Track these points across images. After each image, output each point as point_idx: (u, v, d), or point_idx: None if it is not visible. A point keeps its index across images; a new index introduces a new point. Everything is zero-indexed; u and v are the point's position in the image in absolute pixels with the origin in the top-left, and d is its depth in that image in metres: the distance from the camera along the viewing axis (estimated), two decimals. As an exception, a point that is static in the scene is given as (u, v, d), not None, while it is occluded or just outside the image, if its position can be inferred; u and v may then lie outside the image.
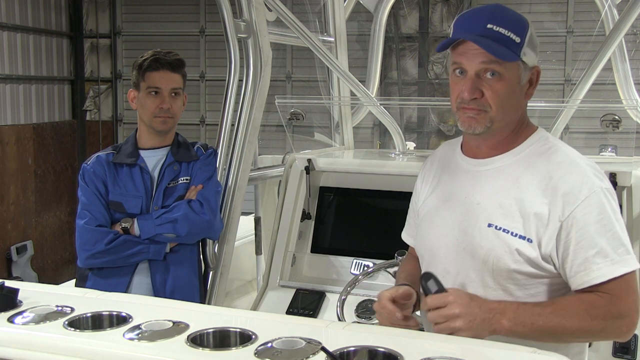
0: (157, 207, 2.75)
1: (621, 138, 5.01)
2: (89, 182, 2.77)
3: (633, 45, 6.35)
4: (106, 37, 10.48)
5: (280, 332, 1.55)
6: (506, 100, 1.79)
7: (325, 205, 3.49)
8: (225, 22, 2.96)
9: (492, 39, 1.74)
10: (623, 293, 1.72)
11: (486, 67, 1.76)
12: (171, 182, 2.80)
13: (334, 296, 3.11)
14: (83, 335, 1.61)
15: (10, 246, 8.69)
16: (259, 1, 3.07)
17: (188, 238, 2.76)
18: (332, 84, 4.22)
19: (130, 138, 2.88)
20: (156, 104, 2.75)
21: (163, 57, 2.78)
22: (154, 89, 2.75)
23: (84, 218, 2.72)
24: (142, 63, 2.77)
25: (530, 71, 1.83)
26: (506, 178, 1.82)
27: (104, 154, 2.84)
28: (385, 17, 4.73)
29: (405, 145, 4.26)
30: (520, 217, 1.77)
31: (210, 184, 2.83)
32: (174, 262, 2.77)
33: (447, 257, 1.88)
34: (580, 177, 1.75)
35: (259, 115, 3.08)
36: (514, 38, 1.75)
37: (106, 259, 2.68)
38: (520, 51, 1.77)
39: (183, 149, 2.86)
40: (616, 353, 2.71)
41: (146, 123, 2.80)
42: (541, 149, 1.84)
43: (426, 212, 2.00)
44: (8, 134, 8.81)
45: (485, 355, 1.51)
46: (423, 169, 2.11)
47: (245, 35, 3.03)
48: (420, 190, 2.09)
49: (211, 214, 2.76)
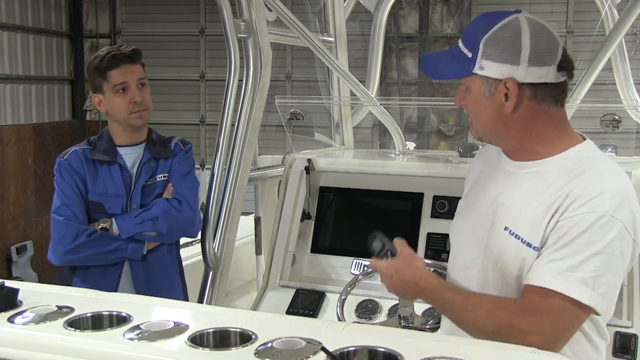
0: (135, 206, 2.69)
1: (621, 138, 4.99)
2: (67, 177, 2.69)
3: (633, 45, 6.36)
4: (106, 37, 10.47)
5: (280, 332, 1.55)
6: (476, 111, 1.83)
7: (325, 205, 3.49)
8: (225, 22, 2.95)
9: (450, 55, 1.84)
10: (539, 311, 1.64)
11: (459, 80, 1.84)
12: (149, 179, 2.74)
13: (334, 296, 3.11)
14: (83, 335, 1.61)
15: (10, 246, 8.68)
16: (259, 1, 3.07)
17: (168, 236, 2.71)
18: (332, 84, 4.22)
19: (104, 134, 2.79)
20: (127, 100, 2.67)
21: (119, 52, 2.69)
22: (120, 86, 2.66)
23: (65, 214, 2.64)
24: (99, 64, 2.67)
25: (494, 85, 1.75)
26: (536, 183, 1.78)
27: (81, 149, 2.75)
28: (385, 17, 4.72)
29: (405, 145, 4.26)
30: (531, 224, 1.73)
31: (187, 180, 2.77)
32: (155, 262, 2.72)
33: (467, 253, 1.90)
34: (595, 193, 1.67)
35: (259, 115, 3.08)
36: (466, 53, 1.77)
37: (85, 253, 2.59)
38: (474, 65, 1.75)
39: (159, 145, 2.80)
40: (616, 353, 2.71)
41: (121, 122, 2.73)
42: (583, 161, 1.76)
43: (462, 205, 2.02)
44: (8, 134, 8.80)
45: (485, 355, 1.51)
46: (474, 162, 2.12)
47: (245, 35, 3.03)
48: (466, 182, 2.09)
49: (190, 211, 2.71)
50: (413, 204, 3.32)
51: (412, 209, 3.31)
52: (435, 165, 3.63)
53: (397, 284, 1.88)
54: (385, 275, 1.90)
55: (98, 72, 2.68)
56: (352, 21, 5.60)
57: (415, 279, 1.84)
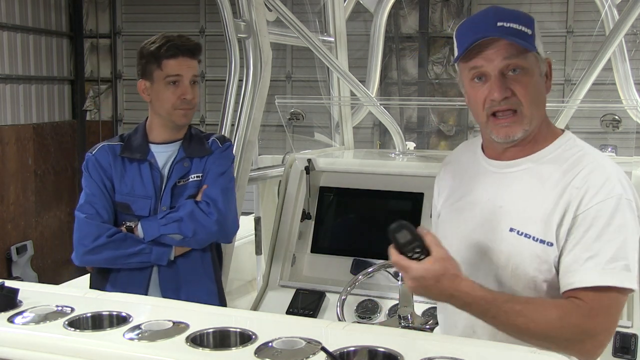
0: (164, 208, 2.50)
1: (621, 138, 5.00)
2: (93, 173, 2.52)
3: (633, 45, 6.36)
4: (106, 37, 10.47)
5: (280, 332, 1.55)
6: (536, 94, 1.74)
7: (325, 205, 3.49)
8: (225, 22, 2.96)
9: (509, 34, 1.69)
10: (603, 309, 1.63)
11: (508, 62, 1.70)
12: (180, 180, 2.53)
13: (334, 296, 3.11)
14: (83, 335, 1.61)
15: (10, 246, 8.69)
16: (259, 1, 3.07)
17: (194, 241, 2.49)
18: (332, 84, 4.22)
19: (139, 129, 2.60)
20: (177, 95, 2.47)
21: (180, 42, 2.49)
22: (173, 78, 2.47)
23: (87, 212, 2.47)
24: (155, 50, 2.48)
25: (544, 63, 1.78)
26: (531, 181, 1.77)
27: (111, 145, 2.57)
28: (385, 17, 4.73)
29: (405, 145, 4.25)
30: (541, 221, 1.71)
31: (220, 180, 2.54)
32: (185, 268, 2.52)
33: (464, 260, 1.81)
34: (603, 179, 1.69)
35: (259, 115, 3.08)
36: (526, 30, 1.71)
37: (105, 255, 2.44)
38: (535, 42, 1.73)
39: (195, 143, 2.58)
40: (616, 353, 2.71)
41: (163, 116, 2.53)
42: (569, 152, 1.78)
43: (447, 213, 1.96)
44: (8, 134, 8.80)
45: (485, 355, 1.51)
46: (442, 170, 2.06)
47: (245, 35, 3.03)
48: (438, 191, 2.04)
49: (219, 215, 2.48)
50: (413, 204, 3.31)
51: (412, 209, 3.31)
52: (435, 165, 3.62)
53: (433, 292, 1.64)
54: (416, 278, 1.62)
55: (153, 58, 2.48)
56: (352, 21, 5.60)
57: (462, 295, 1.63)
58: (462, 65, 1.78)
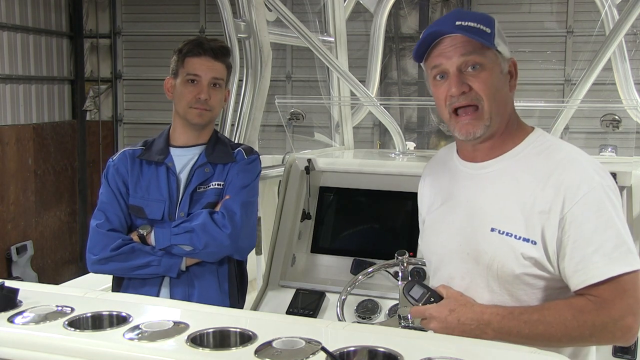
0: (182, 214, 2.44)
1: (621, 138, 5.01)
2: (111, 180, 2.51)
3: (633, 45, 6.35)
4: (106, 37, 10.47)
5: (280, 332, 1.55)
6: (494, 89, 1.78)
7: (325, 205, 3.49)
8: (225, 22, 2.96)
9: (465, 30, 1.75)
10: (617, 296, 1.67)
11: (466, 59, 1.76)
12: (200, 186, 2.48)
13: (334, 296, 3.11)
14: (83, 335, 1.61)
15: (10, 246, 8.69)
16: (259, 1, 3.07)
17: (205, 254, 2.42)
18: (332, 84, 4.22)
19: (164, 132, 2.59)
20: (193, 94, 2.48)
21: (206, 42, 2.50)
22: (191, 77, 2.49)
23: (98, 219, 2.46)
24: (182, 47, 2.52)
25: (507, 62, 1.82)
26: (507, 180, 1.80)
27: (131, 149, 2.57)
28: (385, 17, 4.73)
29: (405, 145, 4.26)
30: (522, 219, 1.74)
31: (242, 194, 2.47)
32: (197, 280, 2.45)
33: (451, 263, 1.87)
34: (579, 173, 1.73)
35: (259, 115, 3.09)
36: (484, 29, 1.76)
37: (112, 266, 2.42)
38: (494, 40, 1.77)
39: (219, 149, 2.54)
40: (616, 353, 2.71)
41: (180, 115, 2.53)
42: (540, 147, 1.82)
43: (430, 218, 2.01)
44: (8, 134, 8.80)
45: (485, 355, 1.51)
46: (423, 179, 2.12)
47: (245, 35, 3.03)
48: (421, 199, 2.10)
49: (234, 228, 2.39)
50: (413, 204, 3.29)
51: (412, 209, 3.30)
52: (435, 165, 3.63)
53: (453, 325, 1.76)
54: (437, 318, 1.79)
55: (179, 55, 2.52)
56: (352, 21, 5.60)
57: (477, 315, 1.75)
58: (426, 65, 1.85)
